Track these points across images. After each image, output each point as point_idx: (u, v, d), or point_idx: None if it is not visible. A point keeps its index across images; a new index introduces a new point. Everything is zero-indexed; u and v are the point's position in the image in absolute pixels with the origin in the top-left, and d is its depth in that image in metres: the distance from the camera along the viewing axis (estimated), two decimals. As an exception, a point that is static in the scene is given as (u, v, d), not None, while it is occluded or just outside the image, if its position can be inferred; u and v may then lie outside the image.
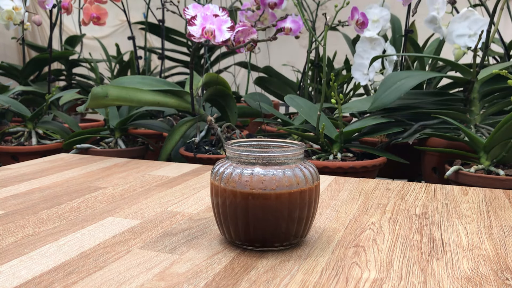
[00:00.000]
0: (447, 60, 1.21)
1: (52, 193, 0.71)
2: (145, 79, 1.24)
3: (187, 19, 0.99)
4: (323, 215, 0.62)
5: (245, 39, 1.01)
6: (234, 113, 1.27)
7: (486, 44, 1.14)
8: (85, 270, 0.45)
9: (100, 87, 1.08)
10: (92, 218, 0.60)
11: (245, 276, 0.44)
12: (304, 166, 0.50)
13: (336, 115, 1.17)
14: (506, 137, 0.94)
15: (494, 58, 1.54)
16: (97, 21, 1.30)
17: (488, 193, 0.74)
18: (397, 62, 1.44)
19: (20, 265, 0.46)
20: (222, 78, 1.24)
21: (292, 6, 2.20)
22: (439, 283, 0.43)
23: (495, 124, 1.12)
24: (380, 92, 1.16)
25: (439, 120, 1.16)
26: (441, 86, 1.43)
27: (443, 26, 1.29)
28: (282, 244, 0.50)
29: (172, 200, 0.68)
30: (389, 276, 0.44)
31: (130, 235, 0.54)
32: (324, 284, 0.43)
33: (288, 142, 0.54)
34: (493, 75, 1.12)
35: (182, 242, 0.52)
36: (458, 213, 0.64)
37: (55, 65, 2.22)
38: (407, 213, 0.64)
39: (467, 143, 1.03)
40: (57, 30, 1.79)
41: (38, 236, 0.54)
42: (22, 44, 1.70)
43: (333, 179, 0.82)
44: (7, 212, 0.62)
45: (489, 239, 0.54)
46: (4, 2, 1.38)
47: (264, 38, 1.03)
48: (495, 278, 0.45)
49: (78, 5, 1.64)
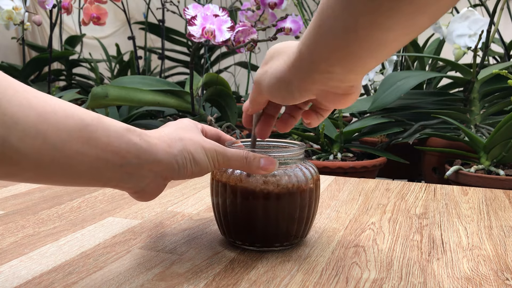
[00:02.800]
0: (447, 60, 1.22)
1: (52, 193, 0.71)
2: (145, 79, 1.24)
3: (187, 19, 0.99)
4: (323, 215, 0.62)
5: (245, 39, 1.01)
6: (234, 113, 1.27)
7: (486, 44, 1.14)
8: (85, 270, 0.45)
9: (100, 87, 1.08)
10: (92, 218, 0.60)
11: (245, 276, 0.44)
12: (304, 166, 0.50)
13: (336, 115, 1.17)
14: (506, 137, 0.94)
15: (494, 58, 1.54)
16: (97, 21, 1.30)
17: (488, 193, 0.74)
18: (397, 62, 1.44)
19: (20, 265, 0.46)
20: (222, 78, 1.24)
21: (292, 6, 2.20)
22: (439, 283, 0.43)
23: (495, 124, 1.12)
24: (380, 92, 1.16)
25: (439, 120, 1.16)
26: (441, 86, 1.43)
27: (443, 26, 1.29)
28: (282, 244, 0.50)
29: (172, 200, 0.68)
30: (389, 276, 0.44)
31: (130, 235, 0.54)
32: (324, 284, 0.43)
33: (288, 142, 0.54)
34: (493, 75, 1.12)
35: (182, 242, 0.52)
36: (458, 213, 0.64)
37: (55, 65, 2.22)
38: (407, 213, 0.64)
39: (467, 143, 1.03)
40: (57, 30, 1.79)
41: (38, 236, 0.54)
42: (22, 44, 1.70)
43: (333, 179, 0.82)
44: (7, 212, 0.62)
45: (489, 239, 0.54)
46: (4, 2, 1.38)
47: (264, 38, 1.03)
48: (495, 278, 0.45)
49: (78, 5, 1.64)
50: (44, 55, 1.68)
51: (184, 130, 0.46)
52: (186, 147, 0.44)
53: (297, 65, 0.38)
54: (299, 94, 0.40)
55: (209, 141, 0.46)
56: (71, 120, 0.37)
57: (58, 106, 0.36)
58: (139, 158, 0.41)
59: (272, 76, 0.42)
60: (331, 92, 0.39)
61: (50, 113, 0.35)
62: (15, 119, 0.33)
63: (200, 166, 0.44)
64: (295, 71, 0.39)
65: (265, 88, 0.43)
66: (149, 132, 0.43)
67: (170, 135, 0.44)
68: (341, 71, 0.36)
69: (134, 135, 0.41)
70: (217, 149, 0.45)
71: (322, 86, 0.38)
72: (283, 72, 0.40)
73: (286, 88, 0.40)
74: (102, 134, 0.38)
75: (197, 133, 0.46)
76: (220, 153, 0.45)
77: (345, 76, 0.36)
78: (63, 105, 0.37)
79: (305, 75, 0.38)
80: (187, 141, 0.44)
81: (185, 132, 0.45)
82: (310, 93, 0.39)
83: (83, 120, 0.37)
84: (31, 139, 0.34)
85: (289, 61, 0.39)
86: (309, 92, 0.39)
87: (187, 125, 0.47)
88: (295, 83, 0.39)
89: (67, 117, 0.37)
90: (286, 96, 0.41)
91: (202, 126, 0.50)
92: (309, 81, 0.38)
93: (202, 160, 0.44)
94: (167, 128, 0.46)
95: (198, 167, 0.44)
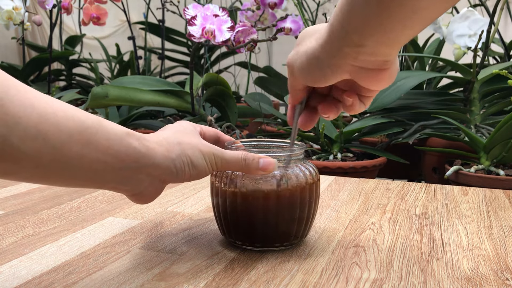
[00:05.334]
0: (447, 60, 1.22)
1: (52, 193, 0.71)
2: (145, 79, 1.24)
3: (187, 19, 0.99)
4: (323, 215, 0.62)
5: (245, 39, 1.01)
6: (234, 113, 1.27)
7: (486, 44, 1.14)
8: (85, 270, 0.45)
9: (100, 87, 1.08)
10: (92, 218, 0.60)
11: (245, 276, 0.44)
12: (304, 166, 0.50)
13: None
14: (506, 137, 0.94)
15: (494, 58, 1.54)
16: (97, 21, 1.30)
17: (488, 193, 0.74)
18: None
19: (20, 265, 0.46)
20: (222, 78, 1.24)
21: (292, 6, 2.20)
22: (439, 283, 0.43)
23: (495, 124, 1.12)
24: (380, 92, 1.16)
25: (439, 120, 1.16)
26: (441, 86, 1.43)
27: (443, 26, 1.29)
28: (282, 244, 0.50)
29: (172, 200, 0.68)
30: (389, 276, 0.44)
31: (130, 235, 0.54)
32: (324, 284, 0.43)
33: (288, 142, 0.54)
34: (493, 75, 1.12)
35: (182, 242, 0.52)
36: (458, 213, 0.64)
37: (55, 65, 2.22)
38: (407, 213, 0.64)
39: (467, 143, 1.03)
40: (57, 30, 1.79)
41: (38, 236, 0.54)
42: (22, 44, 1.70)
43: (333, 179, 0.82)
44: (7, 212, 0.62)
45: (489, 239, 0.54)
46: (4, 2, 1.38)
47: (264, 38, 1.03)
48: (495, 278, 0.45)
49: (78, 5, 1.64)
50: (44, 55, 1.68)
51: (183, 133, 0.46)
52: (184, 151, 0.44)
53: (328, 40, 0.38)
54: (330, 71, 0.39)
55: (207, 144, 0.46)
56: (72, 122, 0.37)
57: (59, 107, 0.37)
58: (138, 162, 0.41)
59: (303, 55, 0.41)
60: (364, 68, 0.38)
61: (51, 114, 0.36)
62: (16, 118, 0.33)
63: (198, 170, 0.44)
64: (326, 46, 0.38)
65: (297, 69, 0.42)
66: (148, 136, 0.43)
67: (168, 139, 0.44)
68: (372, 43, 0.35)
69: (134, 139, 0.41)
70: (215, 152, 0.45)
71: (354, 61, 0.37)
72: (314, 49, 0.40)
73: (318, 66, 0.40)
74: (102, 137, 0.38)
75: (196, 136, 0.46)
76: (218, 156, 0.46)
77: (376, 49, 0.36)
78: (64, 107, 0.37)
79: (336, 49, 0.37)
80: (185, 145, 0.44)
81: (184, 136, 0.45)
82: (342, 70, 0.39)
83: (83, 122, 0.38)
84: (31, 139, 0.34)
85: (320, 38, 0.39)
86: (340, 69, 0.39)
87: (185, 128, 0.47)
88: (326, 59, 0.39)
89: (68, 119, 0.37)
90: (318, 76, 0.41)
91: (200, 128, 0.50)
92: (340, 56, 0.37)
93: (200, 163, 0.44)
94: (166, 131, 0.46)
95: (196, 171, 0.44)
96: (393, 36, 0.34)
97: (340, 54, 0.37)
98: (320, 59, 0.39)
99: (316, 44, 0.39)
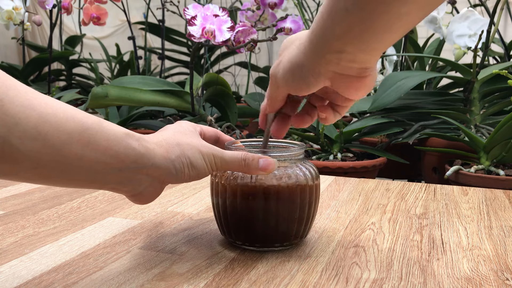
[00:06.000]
0: (447, 60, 1.22)
1: (52, 193, 0.71)
2: (145, 79, 1.24)
3: (187, 19, 0.99)
4: (323, 215, 0.62)
5: (245, 39, 1.01)
6: (234, 113, 1.27)
7: (486, 44, 1.14)
8: (85, 270, 0.45)
9: (100, 87, 1.08)
10: (92, 218, 0.60)
11: (245, 276, 0.44)
12: (304, 166, 0.50)
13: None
14: (506, 137, 0.94)
15: (494, 58, 1.54)
16: (97, 21, 1.30)
17: (488, 193, 0.74)
18: (397, 62, 1.44)
19: (20, 265, 0.46)
20: (222, 78, 1.24)
21: (292, 6, 2.20)
22: (439, 283, 0.43)
23: (495, 124, 1.12)
24: (380, 92, 1.16)
25: (439, 120, 1.16)
26: (441, 86, 1.43)
27: (443, 26, 1.29)
28: (282, 244, 0.50)
29: (172, 200, 0.68)
30: (389, 276, 0.44)
31: (130, 235, 0.54)
32: (324, 284, 0.43)
33: (288, 142, 0.54)
34: (493, 75, 1.12)
35: (182, 242, 0.52)
36: (458, 213, 0.64)
37: (55, 65, 2.22)
38: (407, 213, 0.64)
39: (467, 143, 1.03)
40: (57, 30, 1.79)
41: (38, 236, 0.54)
42: (22, 44, 1.70)
43: (333, 179, 0.82)
44: (7, 212, 0.62)
45: (489, 239, 0.54)
46: (4, 2, 1.38)
47: (264, 38, 1.03)
48: (495, 278, 0.45)
49: (78, 5, 1.64)
50: (44, 55, 1.68)
51: (182, 134, 0.46)
52: (184, 152, 0.44)
53: (310, 47, 0.38)
54: (313, 79, 0.40)
55: (207, 145, 0.46)
56: (72, 123, 0.37)
57: (59, 108, 0.37)
58: (137, 163, 0.41)
59: (286, 63, 0.42)
60: (345, 74, 0.38)
61: (51, 114, 0.36)
62: (16, 119, 0.33)
63: (197, 170, 0.45)
64: (309, 53, 0.39)
65: (280, 78, 0.43)
66: (148, 137, 0.43)
67: (168, 140, 0.44)
68: (353, 50, 0.36)
69: (133, 139, 0.41)
70: (215, 153, 0.45)
71: (335, 68, 0.38)
72: (297, 57, 0.40)
73: (300, 74, 0.40)
74: (101, 138, 0.38)
75: (195, 137, 0.46)
76: (218, 156, 0.46)
77: (357, 56, 0.36)
78: (64, 108, 0.37)
79: (318, 56, 0.38)
80: (184, 146, 0.44)
81: (183, 137, 0.45)
82: (324, 77, 0.39)
83: (83, 123, 0.38)
84: (31, 139, 0.34)
85: (302, 45, 0.40)
86: (323, 76, 0.39)
87: (185, 128, 0.47)
88: (308, 66, 0.39)
89: (68, 120, 0.37)
90: (300, 83, 0.41)
91: (200, 128, 0.50)
92: (322, 62, 0.38)
93: (199, 164, 0.45)
94: (166, 132, 0.46)
95: (196, 171, 0.45)
96: (373, 41, 0.35)
97: (322, 60, 0.38)
98: (303, 66, 0.40)
99: (299, 51, 0.40)
